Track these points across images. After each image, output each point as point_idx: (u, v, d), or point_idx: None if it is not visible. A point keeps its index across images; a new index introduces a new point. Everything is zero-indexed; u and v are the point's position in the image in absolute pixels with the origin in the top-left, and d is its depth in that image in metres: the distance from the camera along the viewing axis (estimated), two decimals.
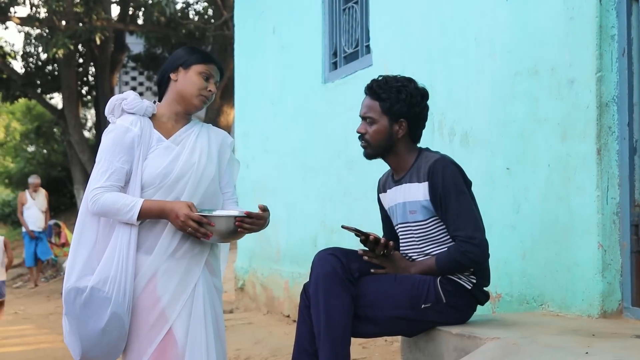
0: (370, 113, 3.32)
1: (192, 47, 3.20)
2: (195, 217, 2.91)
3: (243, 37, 8.13)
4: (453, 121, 4.49)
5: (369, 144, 3.33)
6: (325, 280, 3.15)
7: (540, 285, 3.77)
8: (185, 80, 3.09)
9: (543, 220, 3.73)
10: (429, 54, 4.80)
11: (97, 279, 2.95)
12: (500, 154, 4.07)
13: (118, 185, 3.00)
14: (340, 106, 5.96)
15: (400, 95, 3.29)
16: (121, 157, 3.01)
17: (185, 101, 3.10)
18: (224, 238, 3.02)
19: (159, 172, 3.01)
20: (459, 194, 3.19)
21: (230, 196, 3.22)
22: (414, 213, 3.28)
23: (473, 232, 3.16)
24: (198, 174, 3.05)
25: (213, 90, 3.11)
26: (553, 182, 3.68)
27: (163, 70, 3.17)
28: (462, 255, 3.15)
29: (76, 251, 3.02)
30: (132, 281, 2.95)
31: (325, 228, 6.22)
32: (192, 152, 3.08)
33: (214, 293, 3.13)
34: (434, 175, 3.20)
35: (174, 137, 3.11)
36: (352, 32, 5.99)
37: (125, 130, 3.03)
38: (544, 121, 3.75)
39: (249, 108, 7.93)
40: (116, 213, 2.95)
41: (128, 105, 3.10)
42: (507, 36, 4.05)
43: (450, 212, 3.17)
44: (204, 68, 3.09)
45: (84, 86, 20.49)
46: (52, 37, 13.95)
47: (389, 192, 3.44)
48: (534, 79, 3.83)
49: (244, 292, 7.80)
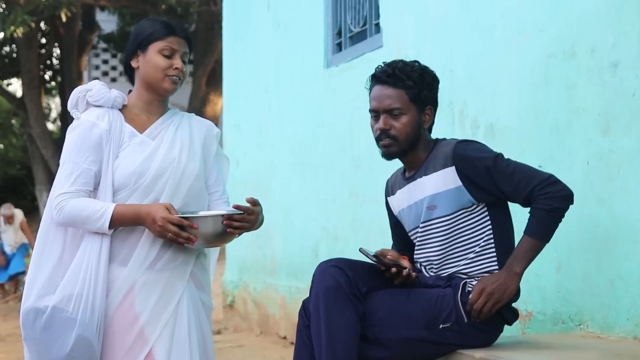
0: (397, 104, 3.32)
1: (149, 20, 3.18)
2: (175, 220, 2.92)
3: (232, 14, 8.14)
4: (476, 111, 4.50)
5: (397, 140, 3.33)
6: (327, 295, 3.15)
7: (577, 302, 3.77)
8: (146, 64, 3.09)
9: (581, 226, 3.73)
10: (448, 33, 4.80)
11: (59, 297, 2.95)
12: (531, 149, 4.07)
13: (86, 190, 3.01)
14: (346, 94, 5.97)
15: (424, 80, 3.34)
16: (88, 156, 3.01)
17: (154, 87, 3.11)
18: (211, 242, 3.02)
19: (132, 172, 3.01)
20: (497, 158, 3.24)
21: (220, 196, 3.22)
22: (433, 209, 3.30)
23: (541, 174, 3.21)
24: (179, 172, 3.06)
25: (180, 67, 3.09)
26: (592, 182, 3.68)
27: (125, 57, 3.19)
28: (555, 200, 3.16)
29: (37, 266, 3.02)
30: (102, 298, 2.95)
31: (328, 235, 6.23)
32: (171, 146, 3.09)
33: (201, 310, 3.13)
34: (463, 157, 3.24)
35: (149, 130, 3.11)
36: (359, 8, 6.00)
37: (91, 126, 3.04)
38: (582, 111, 3.75)
39: (240, 96, 7.94)
40: (84, 222, 2.96)
41: (93, 97, 3.10)
42: (539, 12, 4.06)
43: (503, 179, 3.20)
44: (163, 44, 3.08)
45: (47, 71, 20.52)
46: (10, 13, 13.95)
47: (398, 194, 3.45)
48: (570, 62, 3.84)
49: (234, 309, 7.81)
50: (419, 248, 3.39)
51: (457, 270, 3.29)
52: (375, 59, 5.30)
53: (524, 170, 3.23)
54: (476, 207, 3.26)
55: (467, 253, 3.28)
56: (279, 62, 7.11)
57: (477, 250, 3.27)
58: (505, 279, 3.18)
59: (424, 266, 3.38)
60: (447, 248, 3.30)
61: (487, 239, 3.27)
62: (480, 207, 3.27)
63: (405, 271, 3.25)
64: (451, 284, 3.27)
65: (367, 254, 3.22)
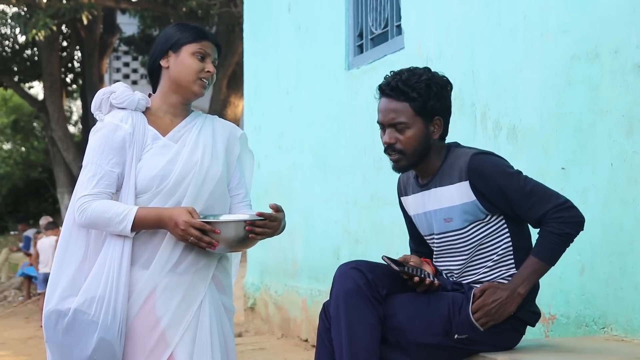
0: (401, 117, 3.27)
1: (180, 24, 3.21)
2: (197, 224, 2.93)
3: (253, 16, 8.17)
4: (498, 113, 4.50)
5: (404, 154, 3.29)
6: (347, 298, 3.15)
7: (601, 305, 3.76)
8: (178, 65, 3.11)
9: (605, 228, 3.72)
10: (470, 34, 4.81)
11: (81, 300, 2.97)
12: (554, 151, 4.07)
13: (108, 192, 3.03)
14: (367, 96, 5.96)
15: (431, 90, 3.25)
16: (111, 159, 3.03)
17: (182, 89, 3.13)
18: (233, 247, 3.04)
19: (155, 175, 3.03)
20: (513, 176, 3.20)
21: (242, 199, 3.23)
22: (449, 221, 3.28)
23: (557, 198, 3.17)
24: (201, 175, 3.08)
25: (212, 71, 3.13)
26: (617, 184, 3.68)
27: (152, 57, 3.19)
28: (567, 226, 3.14)
29: (60, 268, 3.04)
30: (124, 301, 2.97)
31: (349, 237, 6.24)
32: (194, 149, 3.11)
33: (222, 314, 3.14)
34: (478, 173, 3.19)
35: (172, 133, 3.13)
36: (380, 9, 6.01)
37: (115, 128, 3.06)
38: (606, 113, 3.75)
39: (261, 99, 7.96)
40: (107, 224, 2.98)
41: (117, 99, 3.12)
42: (562, 13, 4.06)
43: (518, 199, 3.17)
44: (197, 47, 3.11)
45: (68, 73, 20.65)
46: (32, 17, 14.06)
47: (411, 198, 3.44)
48: (594, 63, 3.83)
49: (255, 312, 7.83)
50: (437, 257, 3.39)
51: (477, 278, 3.28)
52: (396, 61, 5.32)
53: (540, 192, 3.18)
54: (491, 218, 3.24)
55: (485, 262, 3.27)
56: (300, 64, 7.13)
57: (496, 259, 3.25)
58: (507, 299, 3.16)
59: (445, 274, 3.37)
60: (467, 259, 3.29)
61: (505, 246, 3.25)
62: (496, 217, 3.24)
63: (428, 280, 3.23)
64: (464, 292, 3.26)
65: (390, 263, 3.20)
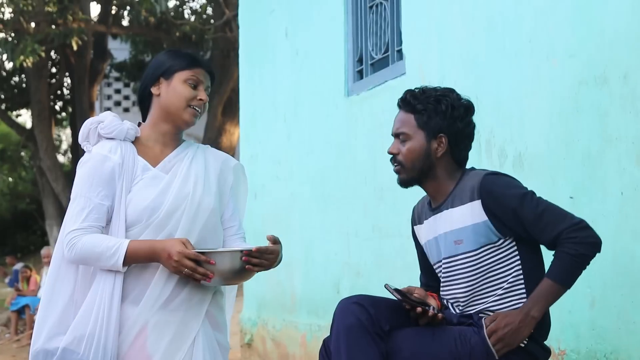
0: (404, 128, 3.34)
1: (173, 51, 3.23)
2: (192, 255, 2.93)
3: (249, 41, 8.18)
4: (504, 140, 4.49)
5: (403, 166, 3.35)
6: (348, 334, 3.14)
7: (613, 340, 3.74)
8: (170, 92, 3.11)
9: (616, 259, 3.71)
10: (473, 59, 4.81)
11: (70, 338, 2.97)
12: (561, 179, 4.06)
13: (98, 226, 3.02)
14: (367, 123, 5.98)
15: (439, 106, 3.30)
16: (100, 191, 3.03)
17: (173, 117, 3.13)
18: (229, 279, 3.03)
19: (145, 207, 3.03)
20: (526, 196, 3.20)
21: (236, 231, 3.23)
22: (460, 243, 3.28)
23: (572, 218, 3.17)
24: (193, 207, 3.07)
25: (204, 99, 3.14)
26: (627, 214, 3.67)
27: (142, 84, 3.20)
28: (582, 247, 3.12)
29: (48, 305, 3.03)
30: (114, 339, 2.96)
31: (350, 270, 6.22)
32: (186, 180, 3.11)
33: (217, 351, 3.13)
34: (490, 192, 3.21)
35: (163, 163, 3.13)
36: (380, 34, 6.02)
37: (103, 159, 3.06)
38: (616, 140, 3.74)
39: (257, 126, 7.96)
40: (98, 259, 2.97)
41: (105, 129, 3.12)
42: (568, 36, 4.06)
43: (531, 220, 3.17)
44: (190, 74, 3.12)
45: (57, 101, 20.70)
46: (19, 42, 14.10)
47: (425, 224, 3.44)
48: (602, 89, 3.83)
49: (252, 348, 7.79)
50: (445, 284, 3.38)
51: (485, 307, 3.27)
52: (398, 87, 5.32)
53: (554, 212, 3.19)
54: (504, 242, 3.24)
55: (495, 289, 3.26)
56: (298, 91, 7.14)
57: (506, 287, 3.24)
58: (520, 324, 3.14)
59: (451, 303, 3.36)
60: (475, 285, 3.28)
61: (516, 274, 3.24)
62: (508, 242, 3.24)
63: (430, 311, 3.22)
64: (474, 323, 3.24)
65: (392, 291, 3.20)
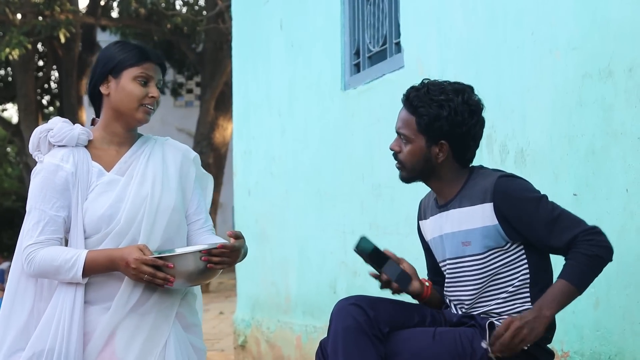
0: (405, 130, 3.33)
1: (120, 44, 3.17)
2: (149, 261, 2.91)
3: (243, 33, 8.18)
4: (505, 136, 4.50)
5: (404, 166, 3.36)
6: (346, 336, 3.14)
7: (617, 341, 3.75)
8: (120, 93, 3.07)
9: (621, 259, 3.71)
10: (474, 52, 4.82)
11: (29, 354, 2.95)
12: (565, 176, 4.07)
13: (56, 238, 3.01)
14: (364, 118, 5.98)
15: (441, 111, 3.26)
16: (54, 203, 3.01)
17: (126, 117, 3.10)
18: (193, 280, 3.03)
19: (102, 215, 3.01)
20: (542, 200, 3.21)
21: (202, 225, 3.22)
22: (467, 245, 3.28)
23: (586, 224, 3.19)
24: (153, 209, 3.05)
25: (156, 96, 3.10)
26: (633, 211, 3.68)
27: (91, 82, 3.15)
28: (598, 249, 3.14)
29: (7, 321, 3.02)
30: (77, 351, 2.94)
31: (347, 270, 6.22)
32: (143, 181, 3.08)
33: (191, 354, 3.13)
34: (505, 196, 3.20)
35: (119, 165, 3.10)
36: (378, 26, 6.02)
37: (56, 169, 3.03)
38: (620, 135, 3.75)
39: (251, 121, 7.96)
40: (57, 272, 2.96)
41: (55, 137, 3.09)
42: (572, 29, 4.07)
43: (546, 224, 3.17)
44: (139, 71, 3.08)
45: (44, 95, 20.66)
46: (5, 35, 14.09)
47: (430, 220, 3.45)
48: (606, 83, 3.84)
49: (246, 350, 7.80)
50: (449, 284, 3.38)
51: (487, 309, 3.28)
52: (396, 81, 5.33)
53: (569, 217, 3.20)
54: (511, 246, 3.24)
55: (500, 293, 3.26)
56: (293, 84, 7.14)
57: (511, 290, 3.25)
58: (534, 320, 3.11)
59: (454, 304, 3.37)
60: (480, 289, 3.28)
61: (523, 278, 3.25)
62: (516, 246, 3.24)
63: (394, 284, 3.33)
64: (475, 324, 3.25)
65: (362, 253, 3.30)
